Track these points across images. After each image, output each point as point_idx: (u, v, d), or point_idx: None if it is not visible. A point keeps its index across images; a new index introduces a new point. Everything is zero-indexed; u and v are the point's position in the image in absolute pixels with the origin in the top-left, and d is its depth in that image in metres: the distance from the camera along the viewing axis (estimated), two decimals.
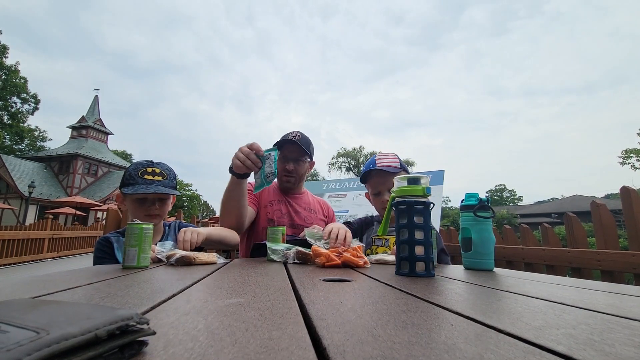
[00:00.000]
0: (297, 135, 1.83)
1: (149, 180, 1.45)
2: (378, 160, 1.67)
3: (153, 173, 1.47)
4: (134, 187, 1.42)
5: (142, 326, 0.29)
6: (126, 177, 1.45)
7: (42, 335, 0.23)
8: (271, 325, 0.38)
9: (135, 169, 1.46)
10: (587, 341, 0.35)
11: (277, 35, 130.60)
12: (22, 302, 0.34)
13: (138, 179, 1.44)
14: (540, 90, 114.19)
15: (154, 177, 1.47)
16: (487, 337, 0.35)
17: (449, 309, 0.48)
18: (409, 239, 0.91)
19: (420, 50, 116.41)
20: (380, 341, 0.33)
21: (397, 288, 0.68)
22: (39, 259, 9.09)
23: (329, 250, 1.09)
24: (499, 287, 0.73)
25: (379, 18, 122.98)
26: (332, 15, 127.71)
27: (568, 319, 0.44)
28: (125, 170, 1.50)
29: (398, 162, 1.65)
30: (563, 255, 2.53)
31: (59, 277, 0.78)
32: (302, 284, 0.71)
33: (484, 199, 1.10)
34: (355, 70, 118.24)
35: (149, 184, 1.44)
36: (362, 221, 1.79)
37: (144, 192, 1.41)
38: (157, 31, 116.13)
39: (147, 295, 0.56)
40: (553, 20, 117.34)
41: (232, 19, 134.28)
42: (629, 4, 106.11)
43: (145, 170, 1.46)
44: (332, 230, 1.24)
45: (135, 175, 1.44)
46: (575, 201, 39.47)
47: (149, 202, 1.46)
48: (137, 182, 1.43)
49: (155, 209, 1.47)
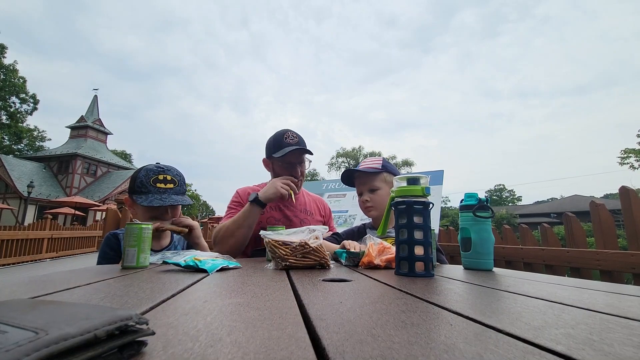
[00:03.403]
0: (294, 137, 1.78)
1: (162, 189, 1.45)
2: (361, 164, 1.68)
3: (165, 181, 1.46)
4: (147, 198, 1.40)
5: (141, 326, 0.29)
6: (137, 184, 1.43)
7: (41, 336, 0.23)
8: (271, 325, 0.38)
9: (146, 177, 1.44)
10: (586, 341, 0.35)
11: (271, 38, 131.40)
12: (21, 302, 0.34)
13: (150, 187, 1.43)
14: (536, 91, 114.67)
15: (166, 186, 1.46)
16: (487, 337, 0.35)
17: (448, 308, 0.49)
18: (408, 239, 0.91)
19: (413, 52, 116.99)
20: (380, 341, 0.33)
21: (397, 288, 0.68)
22: (38, 259, 9.07)
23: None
24: (498, 287, 0.73)
25: (372, 21, 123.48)
26: (325, 19, 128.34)
27: (567, 318, 0.44)
28: (134, 176, 1.47)
29: (380, 163, 1.65)
30: (562, 255, 2.53)
31: (57, 277, 0.78)
32: (302, 284, 0.71)
33: (483, 199, 1.10)
34: (350, 72, 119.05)
35: (162, 193, 1.44)
36: (354, 231, 1.73)
37: (160, 205, 1.41)
38: (153, 34, 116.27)
39: (146, 296, 0.56)
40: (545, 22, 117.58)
41: (226, 23, 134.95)
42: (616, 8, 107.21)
43: (156, 178, 1.45)
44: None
45: (147, 183, 1.43)
46: (574, 201, 39.49)
47: (161, 210, 1.45)
48: (149, 191, 1.42)
49: (167, 216, 1.47)
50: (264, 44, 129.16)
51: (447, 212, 37.88)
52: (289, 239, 1.03)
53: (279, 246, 1.00)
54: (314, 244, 1.01)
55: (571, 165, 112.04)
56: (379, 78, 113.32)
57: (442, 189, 3.31)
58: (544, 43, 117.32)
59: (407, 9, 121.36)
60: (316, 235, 1.05)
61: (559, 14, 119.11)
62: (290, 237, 1.05)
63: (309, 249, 1.00)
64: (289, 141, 1.75)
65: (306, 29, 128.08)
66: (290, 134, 1.78)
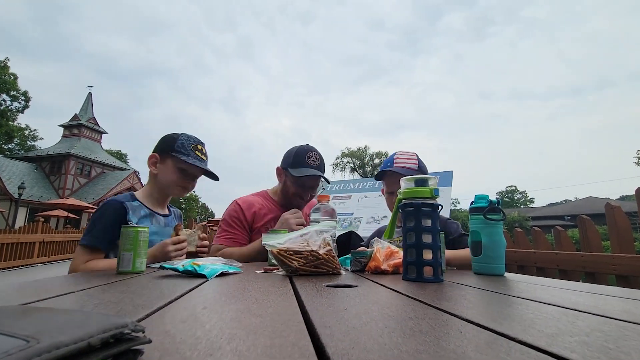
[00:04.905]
0: (317, 160, 1.77)
1: (200, 157, 1.53)
2: (396, 160, 1.67)
3: (202, 152, 1.56)
4: (188, 157, 1.47)
5: (137, 334, 0.29)
6: (178, 144, 1.49)
7: (32, 344, 0.23)
8: (273, 332, 0.38)
9: (187, 141, 1.51)
10: (602, 349, 0.34)
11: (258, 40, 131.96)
12: (11, 309, 0.34)
13: (190, 151, 1.50)
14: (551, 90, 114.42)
15: (202, 156, 1.55)
16: (498, 345, 0.35)
17: (458, 315, 0.48)
18: (416, 242, 0.91)
19: (404, 54, 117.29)
20: (387, 349, 0.33)
21: (404, 294, 0.68)
22: (29, 263, 9.12)
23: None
24: (510, 292, 0.72)
25: (359, 24, 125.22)
26: (311, 21, 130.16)
27: (582, 326, 0.44)
28: (172, 137, 1.52)
29: (416, 164, 1.64)
30: (576, 260, 2.52)
31: (50, 282, 0.79)
32: (305, 289, 0.71)
33: (495, 200, 1.10)
34: (341, 73, 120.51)
35: (200, 161, 1.52)
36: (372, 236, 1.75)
37: (203, 168, 1.51)
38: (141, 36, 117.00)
39: (142, 302, 0.56)
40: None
41: (213, 26, 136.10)
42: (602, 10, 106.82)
43: (196, 146, 1.53)
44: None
45: (188, 146, 1.50)
46: (589, 203, 39.41)
47: (190, 176, 1.52)
48: (189, 154, 1.49)
49: (192, 184, 1.54)
50: (250, 47, 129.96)
51: (457, 215, 37.80)
52: (297, 246, 1.01)
53: (288, 256, 0.98)
54: (324, 250, 1.00)
55: (587, 166, 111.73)
56: (372, 79, 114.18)
57: (452, 191, 3.30)
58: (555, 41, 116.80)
59: (393, 13, 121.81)
60: (327, 241, 1.04)
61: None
62: (297, 242, 1.04)
63: (321, 259, 0.99)
64: (311, 162, 1.76)
65: (293, 31, 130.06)
66: (313, 155, 1.78)
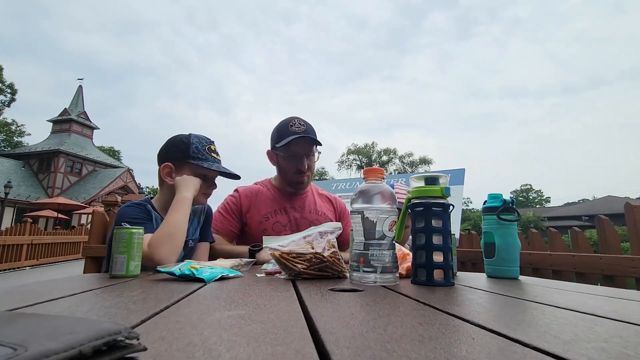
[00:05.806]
0: (301, 125, 1.71)
1: (216, 159, 1.51)
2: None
3: (215, 151, 1.54)
4: (207, 162, 1.46)
5: (131, 341, 0.29)
6: (193, 150, 1.46)
7: (19, 352, 0.23)
8: (275, 339, 0.38)
9: (200, 144, 1.48)
10: (621, 355, 0.34)
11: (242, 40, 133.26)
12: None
13: (207, 154, 1.48)
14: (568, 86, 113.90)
15: (217, 156, 1.53)
16: (512, 352, 0.35)
17: (470, 321, 0.48)
18: (426, 244, 0.91)
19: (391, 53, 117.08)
20: (395, 357, 0.33)
21: (413, 298, 0.68)
22: (16, 267, 9.14)
23: None
24: (524, 296, 0.72)
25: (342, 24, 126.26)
26: (295, 22, 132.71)
27: (600, 331, 0.44)
28: (184, 141, 1.47)
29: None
30: (594, 262, 2.51)
31: (38, 287, 0.79)
32: (309, 294, 0.71)
33: (509, 200, 1.09)
34: (329, 72, 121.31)
35: (217, 161, 1.51)
36: None
37: (227, 172, 1.50)
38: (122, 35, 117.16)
39: (137, 308, 0.56)
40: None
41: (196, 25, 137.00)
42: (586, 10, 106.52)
43: (210, 147, 1.51)
44: None
45: (203, 150, 1.48)
46: (607, 202, 39.20)
47: (210, 181, 1.51)
48: (207, 158, 1.47)
49: (213, 188, 1.53)
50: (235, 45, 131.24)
51: (469, 215, 37.75)
52: (300, 248, 1.01)
53: (291, 259, 0.98)
54: (328, 253, 1.00)
55: (605, 164, 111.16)
56: (362, 77, 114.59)
57: (463, 189, 3.29)
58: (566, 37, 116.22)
59: (375, 12, 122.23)
60: (332, 243, 1.04)
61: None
62: (300, 244, 1.04)
63: (326, 262, 0.98)
64: (295, 129, 1.69)
65: (275, 30, 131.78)
66: (296, 122, 1.73)
